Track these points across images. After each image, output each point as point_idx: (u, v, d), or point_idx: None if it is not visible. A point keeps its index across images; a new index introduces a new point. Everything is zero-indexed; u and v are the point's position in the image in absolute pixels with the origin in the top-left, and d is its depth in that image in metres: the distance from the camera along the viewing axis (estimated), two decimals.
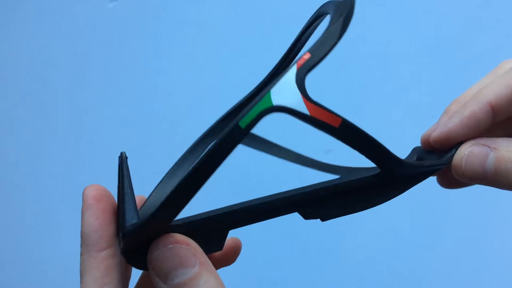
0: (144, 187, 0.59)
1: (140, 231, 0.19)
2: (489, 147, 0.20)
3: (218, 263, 0.27)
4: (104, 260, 0.20)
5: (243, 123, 0.17)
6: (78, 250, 0.21)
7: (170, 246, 0.19)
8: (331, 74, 0.56)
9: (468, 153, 0.21)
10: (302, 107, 0.18)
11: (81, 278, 0.20)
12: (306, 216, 0.22)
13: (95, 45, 0.60)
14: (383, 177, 0.22)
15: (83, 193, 0.22)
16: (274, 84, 0.18)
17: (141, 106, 0.59)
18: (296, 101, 0.18)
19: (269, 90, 0.18)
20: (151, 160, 0.56)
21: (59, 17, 0.60)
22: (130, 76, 0.59)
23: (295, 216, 0.22)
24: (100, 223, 0.21)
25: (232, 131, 0.17)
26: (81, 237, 0.21)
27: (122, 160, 0.24)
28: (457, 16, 0.56)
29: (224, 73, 0.57)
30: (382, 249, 0.57)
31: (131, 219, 0.20)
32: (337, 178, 0.23)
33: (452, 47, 0.56)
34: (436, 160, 0.22)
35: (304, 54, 0.18)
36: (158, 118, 0.59)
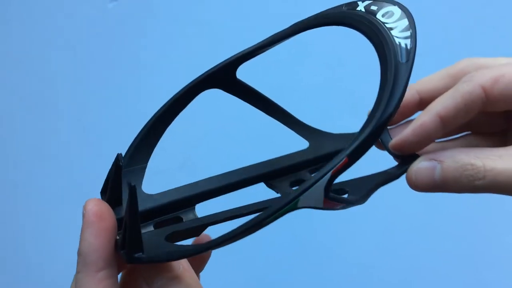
0: (145, 187, 0.59)
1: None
2: (435, 160, 0.22)
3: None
4: (102, 281, 0.20)
5: (270, 220, 0.20)
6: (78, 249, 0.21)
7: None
8: (331, 74, 0.57)
9: (416, 170, 0.23)
10: (320, 204, 0.21)
11: None
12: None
13: (95, 45, 0.60)
14: None
15: (84, 208, 0.22)
16: (303, 191, 0.20)
17: (141, 106, 0.59)
18: (317, 202, 0.21)
19: (297, 198, 0.20)
20: (151, 160, 0.56)
21: (59, 17, 0.60)
22: (130, 76, 0.59)
23: (294, 219, 0.23)
24: (100, 243, 0.21)
25: (257, 223, 0.20)
26: (79, 255, 0.21)
27: (118, 163, 0.25)
28: (458, 16, 0.56)
29: None
30: (381, 249, 0.57)
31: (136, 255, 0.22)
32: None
33: (453, 47, 0.56)
34: (397, 167, 0.24)
35: (343, 159, 0.21)
36: None
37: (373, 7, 0.24)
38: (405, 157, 0.24)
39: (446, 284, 0.56)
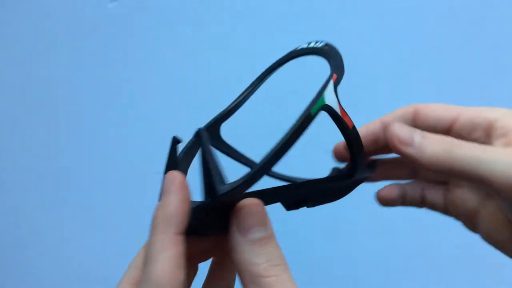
0: (145, 186, 0.60)
1: (234, 192, 0.22)
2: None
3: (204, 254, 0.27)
4: (179, 244, 0.21)
5: (313, 111, 0.23)
6: (78, 250, 0.21)
7: (255, 205, 0.22)
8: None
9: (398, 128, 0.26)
10: (337, 109, 0.25)
11: (151, 256, 0.21)
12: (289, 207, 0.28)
13: (95, 45, 0.60)
14: (342, 177, 0.27)
15: (168, 177, 0.23)
16: (324, 89, 0.24)
17: (141, 106, 0.59)
18: (334, 103, 0.25)
19: (322, 92, 0.24)
20: (151, 160, 0.56)
21: (59, 17, 0.60)
22: (130, 75, 0.59)
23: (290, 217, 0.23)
24: (184, 208, 0.22)
25: (305, 118, 0.23)
26: (159, 217, 0.22)
27: (203, 139, 0.26)
28: (458, 16, 0.56)
29: (224, 73, 0.57)
30: (381, 249, 0.57)
31: (223, 185, 0.22)
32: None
33: (452, 46, 0.56)
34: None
35: (333, 75, 0.25)
36: (158, 118, 0.59)
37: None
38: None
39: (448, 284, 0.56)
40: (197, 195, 0.23)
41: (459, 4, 0.55)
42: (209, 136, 0.30)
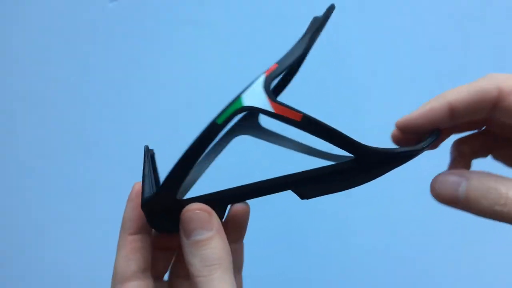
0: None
1: (155, 199, 0.25)
2: (463, 176, 0.23)
3: (233, 229, 0.30)
4: (132, 242, 0.26)
5: (219, 120, 0.23)
6: (78, 250, 0.21)
7: (197, 211, 0.24)
8: (332, 74, 0.57)
9: (442, 180, 0.24)
10: (268, 107, 0.23)
11: (116, 253, 0.27)
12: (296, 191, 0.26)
13: (95, 44, 0.60)
14: (359, 163, 0.25)
15: (132, 187, 0.28)
16: (245, 90, 0.23)
17: (141, 106, 0.59)
18: (263, 102, 0.23)
19: (240, 95, 0.23)
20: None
21: (59, 17, 0.60)
22: (130, 75, 0.59)
23: (290, 213, 0.23)
24: (135, 214, 0.27)
25: (210, 126, 0.23)
26: (121, 222, 0.27)
27: (145, 152, 0.30)
28: (458, 16, 0.56)
29: (225, 73, 0.57)
30: (381, 249, 0.57)
31: (148, 193, 0.26)
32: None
33: (453, 46, 0.56)
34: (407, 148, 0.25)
35: (272, 65, 0.23)
36: (158, 118, 0.59)
37: None
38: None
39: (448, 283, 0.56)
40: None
41: (459, 5, 0.55)
42: (247, 124, 0.32)
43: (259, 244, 0.54)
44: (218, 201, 0.26)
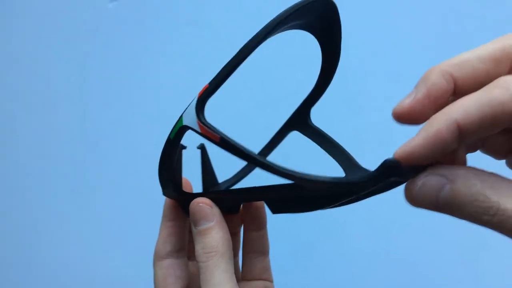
0: (145, 186, 0.60)
1: (165, 193, 0.30)
2: (446, 177, 0.19)
3: (252, 223, 0.33)
4: (168, 227, 0.31)
5: (171, 136, 0.27)
6: (79, 250, 0.21)
7: (201, 204, 0.28)
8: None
9: (422, 183, 0.19)
10: (196, 127, 0.25)
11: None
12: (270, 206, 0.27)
13: (95, 45, 0.60)
14: (290, 189, 0.24)
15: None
16: (185, 109, 0.26)
17: (141, 106, 0.59)
18: (194, 122, 0.25)
19: (182, 114, 0.26)
20: (151, 160, 0.56)
21: (59, 17, 0.60)
22: (130, 75, 0.59)
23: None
24: (170, 204, 0.31)
25: (166, 142, 0.27)
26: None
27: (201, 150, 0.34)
28: (458, 16, 0.56)
29: None
30: (380, 252, 0.57)
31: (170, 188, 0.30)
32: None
33: (454, 46, 0.56)
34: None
35: (204, 85, 0.26)
36: (158, 118, 0.59)
37: None
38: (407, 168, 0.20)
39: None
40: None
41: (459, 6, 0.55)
42: (298, 122, 0.33)
43: None
44: (217, 198, 0.28)
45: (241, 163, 0.34)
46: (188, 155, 0.31)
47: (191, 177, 0.32)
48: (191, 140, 0.30)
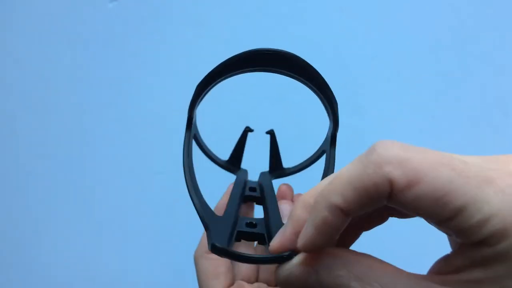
0: (145, 186, 0.59)
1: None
2: (311, 267, 0.19)
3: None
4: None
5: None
6: (79, 251, 0.21)
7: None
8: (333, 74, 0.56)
9: (289, 273, 0.19)
10: None
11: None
12: None
13: (95, 44, 0.60)
14: None
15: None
16: None
17: (141, 106, 0.59)
18: None
19: None
20: (151, 160, 0.56)
21: (59, 17, 0.60)
22: (130, 75, 0.59)
23: None
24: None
25: None
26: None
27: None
28: (458, 15, 0.56)
29: None
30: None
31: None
32: None
33: (454, 46, 0.56)
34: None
35: None
36: (158, 118, 0.59)
37: None
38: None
39: None
40: None
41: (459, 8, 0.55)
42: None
43: None
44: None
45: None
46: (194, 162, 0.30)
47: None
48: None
